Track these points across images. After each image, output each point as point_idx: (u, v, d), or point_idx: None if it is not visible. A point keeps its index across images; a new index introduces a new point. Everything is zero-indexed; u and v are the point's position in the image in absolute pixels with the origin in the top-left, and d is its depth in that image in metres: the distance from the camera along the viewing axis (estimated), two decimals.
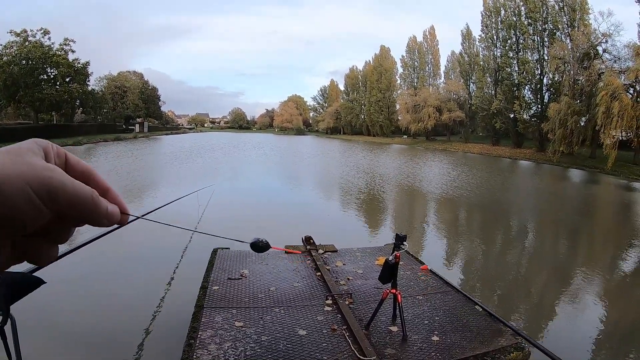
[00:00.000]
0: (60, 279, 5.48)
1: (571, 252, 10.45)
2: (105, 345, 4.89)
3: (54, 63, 46.75)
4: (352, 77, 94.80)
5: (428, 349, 3.48)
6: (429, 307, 4.28)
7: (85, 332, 5.07)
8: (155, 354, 4.68)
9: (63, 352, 4.75)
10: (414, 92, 70.84)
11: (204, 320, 3.78)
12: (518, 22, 47.23)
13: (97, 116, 63.95)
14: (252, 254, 5.62)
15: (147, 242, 8.71)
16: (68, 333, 5.08)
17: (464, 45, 61.08)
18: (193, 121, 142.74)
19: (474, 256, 9.59)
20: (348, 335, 3.58)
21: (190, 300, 4.26)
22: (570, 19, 42.02)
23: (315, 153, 43.29)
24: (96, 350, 4.77)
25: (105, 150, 36.29)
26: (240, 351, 3.30)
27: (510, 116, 48.90)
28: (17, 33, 45.05)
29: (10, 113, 51.51)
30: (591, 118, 32.61)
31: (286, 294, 4.45)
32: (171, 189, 16.01)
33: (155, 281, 6.60)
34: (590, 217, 15.69)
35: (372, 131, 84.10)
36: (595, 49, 36.00)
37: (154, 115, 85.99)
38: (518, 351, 3.47)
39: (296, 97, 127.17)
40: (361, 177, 22.40)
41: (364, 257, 5.83)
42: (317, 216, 12.87)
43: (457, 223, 13.31)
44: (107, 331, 5.15)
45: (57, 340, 4.91)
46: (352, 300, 4.33)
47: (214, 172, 23.49)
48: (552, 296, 7.16)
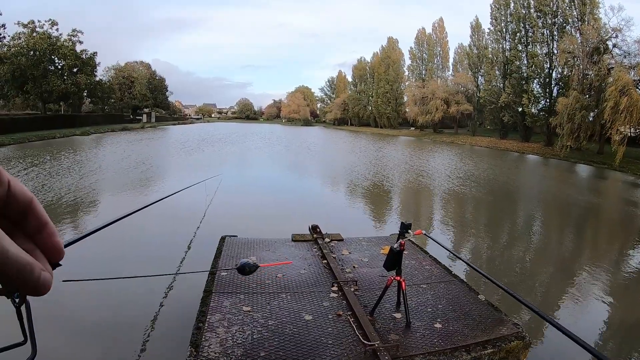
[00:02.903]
0: (70, 266, 5.58)
1: (576, 248, 10.47)
2: (115, 327, 5.02)
3: (62, 54, 46.93)
4: (360, 69, 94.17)
5: (430, 335, 3.54)
6: (433, 295, 4.34)
7: (94, 315, 5.19)
8: (165, 336, 4.81)
9: (72, 331, 4.87)
10: (421, 84, 70.35)
11: (212, 304, 3.86)
12: (527, 15, 46.75)
13: (104, 106, 64.26)
14: (259, 242, 5.71)
15: (156, 229, 8.85)
16: (77, 314, 5.20)
17: (473, 38, 60.54)
18: (200, 111, 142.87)
19: (479, 247, 9.65)
20: (353, 321, 3.65)
21: (198, 286, 4.35)
22: (580, 13, 41.51)
23: (323, 144, 43.27)
24: (105, 332, 4.89)
25: (113, 140, 36.46)
26: (248, 334, 3.38)
27: (518, 110, 48.48)
28: (24, 24, 45.28)
29: (19, 104, 51.83)
30: (599, 113, 32.26)
31: (293, 281, 4.53)
32: (179, 178, 16.13)
33: (163, 267, 6.72)
34: (595, 214, 15.66)
35: (379, 123, 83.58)
36: (605, 43, 35.52)
37: (162, 105, 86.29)
38: (519, 340, 3.52)
39: (304, 88, 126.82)
40: (368, 168, 22.45)
41: (370, 246, 5.89)
42: (324, 205, 12.98)
43: (463, 214, 13.33)
44: (116, 314, 5.27)
45: (66, 321, 5.03)
46: (358, 287, 4.40)
47: (222, 161, 23.62)
48: (555, 291, 7.21)
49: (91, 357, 4.45)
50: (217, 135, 47.10)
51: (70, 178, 15.20)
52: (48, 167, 17.94)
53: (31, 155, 22.22)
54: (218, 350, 3.13)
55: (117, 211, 4.62)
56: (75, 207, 11.07)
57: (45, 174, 16.03)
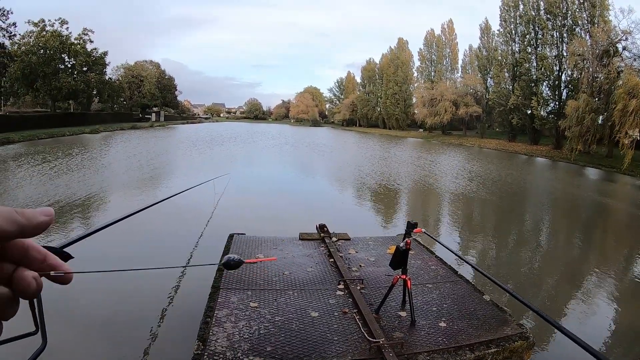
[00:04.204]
0: (80, 260, 5.65)
1: (584, 252, 10.40)
2: (123, 321, 5.09)
3: (72, 52, 47.28)
4: (369, 69, 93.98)
5: (435, 334, 3.57)
6: (438, 295, 4.37)
7: (105, 309, 5.26)
8: (173, 330, 4.87)
9: (81, 324, 4.95)
10: (430, 85, 70.29)
11: (220, 300, 3.91)
12: (537, 17, 46.60)
13: (113, 105, 64.66)
14: (267, 240, 5.77)
15: (165, 227, 8.91)
16: (86, 308, 5.27)
17: (483, 40, 60.24)
18: (209, 111, 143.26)
19: (485, 248, 9.64)
20: (358, 318, 3.69)
21: (206, 282, 4.40)
22: (590, 15, 41.31)
23: (332, 145, 43.26)
24: (114, 326, 4.96)
25: (122, 138, 36.68)
26: (255, 330, 3.43)
27: (527, 112, 48.26)
28: (34, 23, 45.68)
29: (29, 101, 52.38)
30: (609, 116, 32.06)
31: (300, 278, 4.57)
32: (188, 176, 16.22)
33: (172, 264, 6.78)
34: (604, 217, 15.59)
35: (388, 124, 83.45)
36: (614, 46, 35.30)
37: (170, 104, 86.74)
38: (523, 340, 3.54)
39: (312, 88, 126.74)
40: (376, 169, 22.43)
41: (376, 245, 5.93)
42: (332, 205, 13.01)
43: (471, 216, 13.30)
44: (125, 309, 5.35)
45: (76, 316, 5.10)
46: (364, 285, 4.44)
47: (230, 160, 23.73)
48: (562, 293, 7.19)
49: (100, 349, 4.52)
50: (226, 135, 47.20)
51: (82, 174, 15.34)
52: (60, 162, 18.09)
53: (42, 152, 22.43)
54: (225, 344, 3.18)
55: (127, 208, 4.69)
56: (86, 204, 11.18)
57: (61, 169, 16.17)
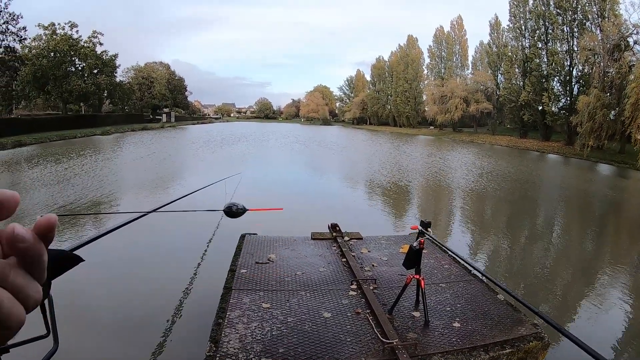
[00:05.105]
0: (92, 263, 5.70)
1: (598, 249, 10.30)
2: (135, 321, 5.11)
3: (82, 55, 47.71)
4: (379, 67, 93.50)
5: (449, 334, 3.54)
6: (452, 294, 4.33)
7: (117, 311, 5.29)
8: (185, 331, 4.88)
9: (93, 325, 4.97)
10: (441, 82, 69.88)
11: (232, 301, 3.91)
12: (547, 12, 46.07)
13: (124, 106, 65.12)
14: (279, 240, 5.76)
15: (176, 228, 8.95)
16: (98, 308, 5.31)
17: (492, 36, 59.84)
18: (219, 111, 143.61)
19: (499, 247, 9.57)
20: (371, 319, 3.66)
21: (218, 283, 4.40)
22: (600, 9, 40.75)
23: (342, 143, 43.22)
24: (125, 326, 4.98)
25: (134, 139, 36.94)
26: (267, 331, 3.42)
27: (538, 108, 47.78)
28: (45, 26, 46.23)
29: (40, 104, 52.98)
30: (620, 112, 31.68)
31: (312, 278, 4.55)
32: (199, 176, 16.30)
33: (184, 265, 6.80)
34: (617, 214, 15.43)
35: (398, 122, 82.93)
36: (626, 40, 34.82)
37: (181, 105, 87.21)
38: (537, 340, 3.50)
39: (322, 87, 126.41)
40: (387, 168, 22.36)
41: (389, 245, 5.89)
42: (344, 204, 12.97)
43: (483, 214, 13.23)
44: (137, 309, 5.37)
45: (89, 318, 5.13)
46: (377, 285, 4.40)
47: (242, 160, 23.80)
48: (575, 293, 7.12)
49: (111, 350, 4.53)
50: (237, 135, 47.32)
51: (98, 173, 15.48)
52: (73, 163, 18.27)
53: (55, 154, 22.68)
54: (237, 346, 3.17)
55: (139, 207, 4.70)
56: (99, 202, 11.30)
57: (76, 169, 16.33)
